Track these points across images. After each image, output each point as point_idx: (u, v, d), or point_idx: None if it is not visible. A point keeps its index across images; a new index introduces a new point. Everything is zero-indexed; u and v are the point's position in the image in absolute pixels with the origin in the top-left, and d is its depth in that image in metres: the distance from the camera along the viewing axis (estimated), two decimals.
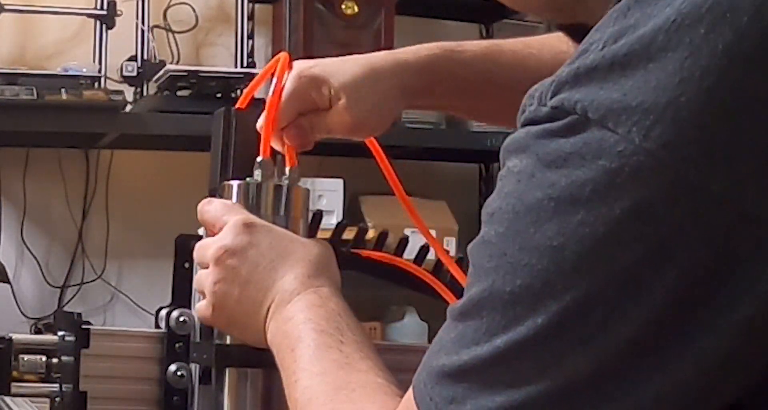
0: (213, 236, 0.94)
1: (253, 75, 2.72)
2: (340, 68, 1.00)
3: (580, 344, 0.58)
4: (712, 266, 0.57)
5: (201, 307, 0.93)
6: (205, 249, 0.93)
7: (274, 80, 1.00)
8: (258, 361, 0.91)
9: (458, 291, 1.03)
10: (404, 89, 1.02)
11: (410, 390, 0.68)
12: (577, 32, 0.76)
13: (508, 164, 0.63)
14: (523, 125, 0.62)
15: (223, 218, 0.93)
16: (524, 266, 0.60)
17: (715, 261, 0.57)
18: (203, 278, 0.93)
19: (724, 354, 0.58)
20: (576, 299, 0.58)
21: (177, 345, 1.06)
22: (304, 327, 0.86)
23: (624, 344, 0.58)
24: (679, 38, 0.57)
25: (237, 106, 1.03)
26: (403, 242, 1.07)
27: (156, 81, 2.73)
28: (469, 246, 0.65)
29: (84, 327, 1.05)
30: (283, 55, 1.01)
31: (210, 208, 0.95)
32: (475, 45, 1.07)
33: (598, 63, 0.59)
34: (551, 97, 0.60)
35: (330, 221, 1.04)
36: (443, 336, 0.65)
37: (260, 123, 0.98)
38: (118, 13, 2.77)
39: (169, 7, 2.96)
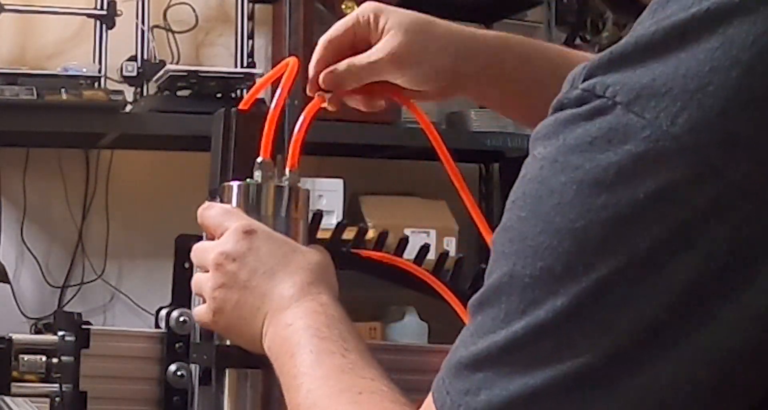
0: (212, 240, 0.94)
1: (252, 75, 2.75)
2: (410, 16, 1.01)
3: (596, 327, 0.58)
4: (731, 253, 0.57)
5: (200, 311, 0.93)
6: (204, 252, 0.93)
7: (280, 87, 1.00)
8: (258, 362, 0.91)
9: (458, 291, 1.03)
10: (460, 58, 1.02)
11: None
12: (620, 5, 0.76)
13: (533, 152, 0.63)
14: (554, 110, 0.62)
15: (224, 223, 0.93)
16: (545, 248, 0.60)
17: (735, 249, 0.57)
18: (203, 283, 0.93)
19: (738, 348, 0.58)
20: (596, 282, 0.58)
21: (177, 345, 1.06)
22: (304, 333, 0.85)
23: (640, 328, 0.58)
24: (712, 28, 0.58)
25: (239, 107, 1.03)
26: (403, 242, 1.07)
27: (156, 81, 2.74)
28: (493, 235, 0.65)
29: (84, 327, 1.05)
30: (292, 61, 1.01)
31: (210, 213, 0.95)
32: (544, 44, 1.08)
33: (632, 49, 0.60)
34: (583, 81, 0.61)
35: (330, 221, 1.04)
36: (463, 332, 0.65)
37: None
38: (118, 13, 2.77)
39: (169, 7, 2.96)
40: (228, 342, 0.95)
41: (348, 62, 1.00)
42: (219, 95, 2.70)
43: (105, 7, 2.77)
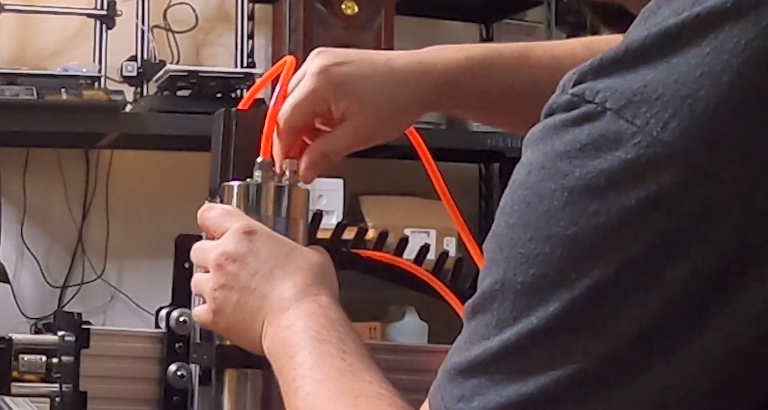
0: (212, 240, 0.94)
1: (252, 75, 2.74)
2: (366, 78, 0.99)
3: (590, 333, 0.58)
4: (724, 260, 0.57)
5: (201, 312, 0.93)
6: (204, 253, 0.93)
7: (278, 85, 1.00)
8: (258, 362, 0.91)
9: (458, 291, 1.03)
10: (424, 102, 1.02)
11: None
12: (605, 14, 0.76)
13: (522, 158, 0.63)
14: (544, 116, 0.63)
15: (224, 224, 0.93)
16: (537, 255, 0.60)
17: (728, 254, 0.57)
18: (203, 283, 0.93)
19: (733, 353, 0.58)
20: (589, 288, 0.58)
21: (177, 345, 1.06)
22: (304, 335, 0.85)
23: (633, 334, 0.58)
24: (703, 33, 0.58)
25: (239, 107, 1.03)
26: (403, 242, 1.07)
27: (156, 81, 2.74)
28: (485, 242, 0.65)
29: (84, 327, 1.05)
30: (289, 60, 1.01)
31: (211, 215, 0.95)
32: (505, 54, 1.05)
33: (623, 55, 0.60)
34: (573, 86, 0.61)
35: (330, 221, 1.04)
36: (459, 337, 0.65)
37: (282, 115, 0.99)
38: (118, 13, 2.77)
39: (169, 7, 2.96)
40: (228, 342, 0.95)
41: (321, 151, 0.99)
42: (219, 95, 2.70)
43: (105, 7, 2.77)
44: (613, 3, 0.74)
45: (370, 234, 1.07)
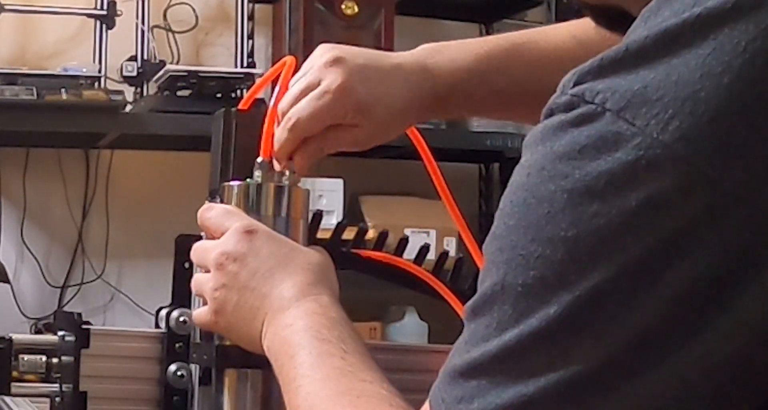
0: (213, 240, 0.94)
1: (252, 75, 2.74)
2: (382, 96, 1.00)
3: (590, 335, 0.58)
4: (725, 262, 0.57)
5: (202, 313, 0.93)
6: (205, 252, 0.93)
7: (278, 85, 1.00)
8: (258, 362, 0.91)
9: (458, 291, 1.03)
10: (425, 112, 1.04)
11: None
12: (606, 17, 0.76)
13: (521, 160, 0.63)
14: (544, 117, 0.63)
15: (225, 224, 0.93)
16: (537, 257, 0.60)
17: (728, 257, 0.57)
18: (203, 283, 0.93)
19: (732, 357, 0.58)
20: (589, 290, 0.58)
21: (177, 345, 1.06)
22: (304, 335, 0.85)
23: (633, 336, 0.58)
24: (704, 34, 0.58)
25: (239, 107, 1.03)
26: (403, 242, 1.07)
27: (156, 81, 2.74)
28: (484, 244, 0.65)
29: (84, 327, 1.05)
30: (289, 60, 1.01)
31: (211, 214, 0.95)
32: (496, 56, 1.06)
33: (623, 55, 0.60)
34: (573, 86, 0.61)
35: (330, 221, 1.04)
36: (459, 339, 0.65)
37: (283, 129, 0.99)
38: (118, 13, 2.77)
39: (169, 7, 2.96)
40: (228, 342, 0.95)
41: (319, 147, 1.01)
42: (219, 95, 2.70)
43: (105, 7, 2.77)
44: (613, 5, 0.74)
45: (370, 234, 1.07)
